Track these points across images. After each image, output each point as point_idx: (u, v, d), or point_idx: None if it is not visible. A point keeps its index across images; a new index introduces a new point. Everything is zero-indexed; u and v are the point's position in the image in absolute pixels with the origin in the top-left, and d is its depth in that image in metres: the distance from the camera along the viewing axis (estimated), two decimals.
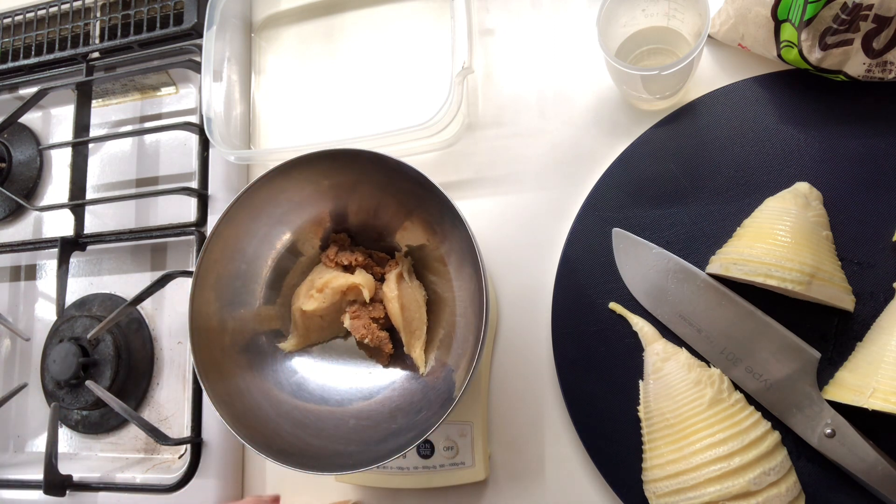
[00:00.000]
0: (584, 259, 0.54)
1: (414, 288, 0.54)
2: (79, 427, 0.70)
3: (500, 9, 0.62)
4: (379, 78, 0.65)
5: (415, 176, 0.46)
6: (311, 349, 0.56)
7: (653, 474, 0.46)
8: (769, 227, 0.46)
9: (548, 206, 0.57)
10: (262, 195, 0.50)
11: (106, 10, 0.75)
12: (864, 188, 0.48)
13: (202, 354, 0.48)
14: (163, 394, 0.68)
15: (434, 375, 0.53)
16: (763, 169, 0.50)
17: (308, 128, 0.67)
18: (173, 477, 0.62)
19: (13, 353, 0.75)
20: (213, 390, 0.48)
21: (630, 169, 0.53)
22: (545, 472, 0.54)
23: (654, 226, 0.52)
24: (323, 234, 0.55)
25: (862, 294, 0.47)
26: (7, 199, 0.78)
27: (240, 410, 0.49)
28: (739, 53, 0.54)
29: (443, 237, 0.52)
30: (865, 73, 0.47)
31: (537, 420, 0.55)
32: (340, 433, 0.51)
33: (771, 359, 0.47)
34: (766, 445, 0.43)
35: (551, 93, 0.59)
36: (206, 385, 0.47)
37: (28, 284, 0.77)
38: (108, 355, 0.67)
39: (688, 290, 0.50)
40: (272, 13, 0.70)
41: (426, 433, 0.44)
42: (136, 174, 0.74)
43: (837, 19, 0.44)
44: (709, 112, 0.52)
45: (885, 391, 0.41)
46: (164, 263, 0.70)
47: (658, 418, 0.47)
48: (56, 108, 0.80)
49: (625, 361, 0.51)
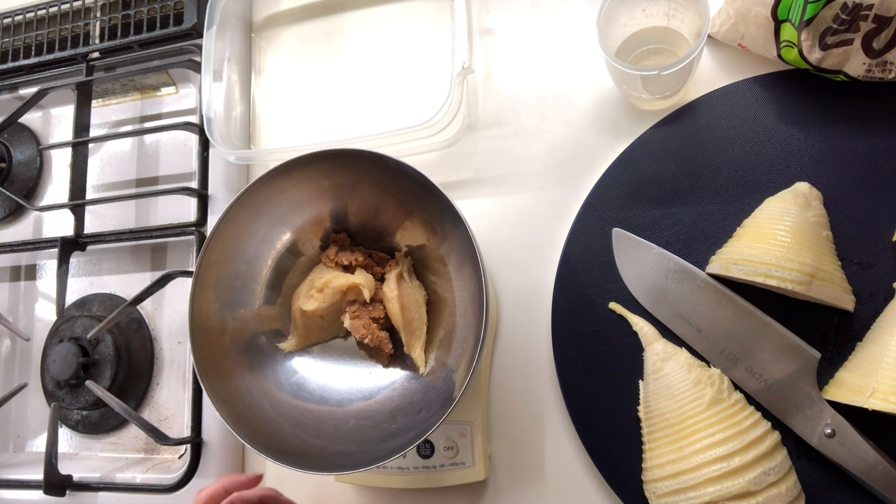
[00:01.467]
0: (584, 259, 0.54)
1: (414, 288, 0.54)
2: (79, 427, 0.70)
3: (500, 9, 0.62)
4: (379, 78, 0.65)
5: (415, 176, 0.46)
6: (311, 349, 0.56)
7: (653, 474, 0.46)
8: (769, 227, 0.46)
9: (548, 206, 0.57)
10: (262, 195, 0.50)
11: (106, 10, 0.75)
12: (864, 188, 0.48)
13: (202, 354, 0.48)
14: (163, 394, 0.68)
15: (434, 375, 0.53)
16: (763, 169, 0.50)
17: (308, 128, 0.67)
18: (173, 477, 0.62)
19: (13, 353, 0.75)
20: (213, 390, 0.48)
21: (630, 169, 0.53)
22: (545, 472, 0.54)
23: (654, 226, 0.52)
24: (323, 234, 0.55)
25: (862, 294, 0.47)
26: (7, 199, 0.78)
27: (240, 410, 0.49)
28: (739, 53, 0.54)
29: (443, 237, 0.52)
30: (865, 73, 0.47)
31: (537, 420, 0.55)
32: (340, 433, 0.51)
33: (771, 359, 0.47)
34: (766, 445, 0.43)
35: (551, 93, 0.59)
36: (206, 385, 0.47)
37: (28, 284, 0.77)
38: (108, 355, 0.67)
39: (688, 290, 0.50)
40: (272, 13, 0.70)
41: (426, 433, 0.44)
42: (136, 174, 0.74)
43: (837, 19, 0.44)
44: (709, 112, 0.52)
45: (885, 391, 0.41)
46: (164, 263, 0.70)
47: (658, 418, 0.47)
48: (56, 108, 0.80)
49: (625, 361, 0.51)
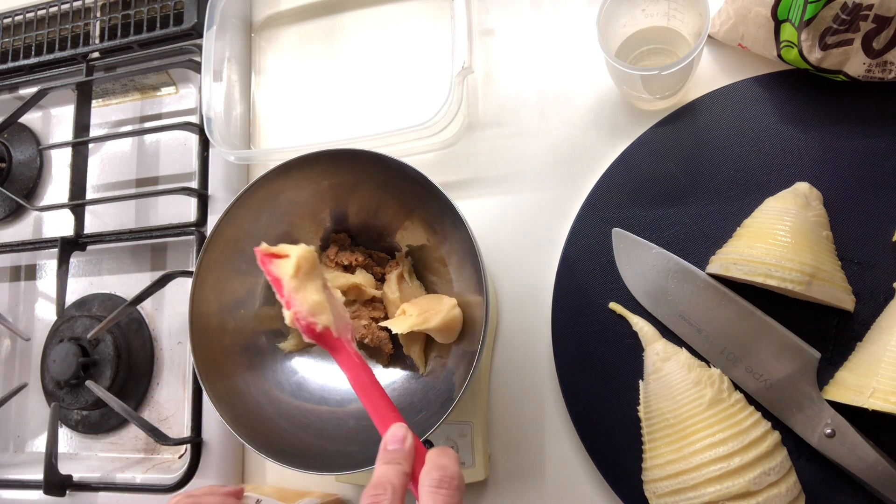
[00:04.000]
0: (584, 259, 0.54)
1: (414, 288, 0.54)
2: (79, 427, 0.70)
3: (500, 9, 0.62)
4: (379, 78, 0.65)
5: (415, 176, 0.46)
6: (311, 349, 0.56)
7: (653, 474, 0.46)
8: (769, 227, 0.46)
9: (548, 206, 0.57)
10: (262, 195, 0.50)
11: (106, 10, 0.75)
12: (864, 188, 0.48)
13: (202, 354, 0.48)
14: (163, 394, 0.68)
15: (434, 375, 0.53)
16: (763, 169, 0.50)
17: (308, 128, 0.67)
18: (173, 477, 0.62)
19: (13, 353, 0.75)
20: (213, 390, 0.48)
21: (630, 169, 0.53)
22: (545, 472, 0.54)
23: (654, 226, 0.52)
24: (323, 234, 0.55)
25: (862, 294, 0.47)
26: (7, 199, 0.78)
27: (240, 410, 0.49)
28: (739, 53, 0.54)
29: (443, 237, 0.52)
30: (865, 73, 0.47)
31: (537, 420, 0.55)
32: (340, 433, 0.51)
33: (771, 359, 0.47)
34: (766, 445, 0.43)
35: (551, 93, 0.59)
36: (206, 385, 0.47)
37: (28, 284, 0.77)
38: (108, 355, 0.67)
39: (688, 290, 0.50)
40: (272, 13, 0.70)
41: (426, 433, 0.44)
42: (136, 174, 0.74)
43: (837, 19, 0.44)
44: (709, 112, 0.52)
45: (885, 391, 0.41)
46: (164, 263, 0.70)
47: (658, 418, 0.47)
48: (56, 108, 0.80)
49: (625, 361, 0.51)
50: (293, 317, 0.38)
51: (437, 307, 0.50)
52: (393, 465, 0.35)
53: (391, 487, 0.33)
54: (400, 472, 0.34)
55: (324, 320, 0.38)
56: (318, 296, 0.39)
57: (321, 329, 0.38)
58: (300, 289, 0.39)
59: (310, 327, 0.38)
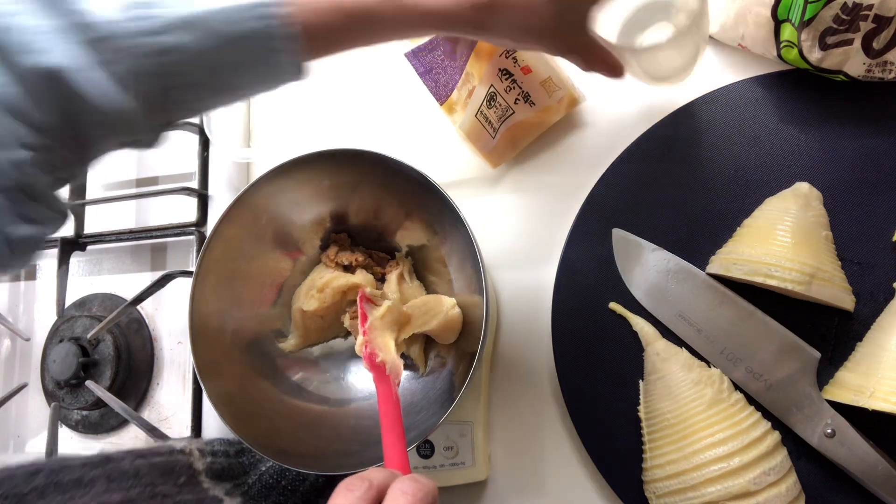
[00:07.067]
0: (584, 259, 0.53)
1: (414, 288, 0.54)
2: (79, 427, 0.70)
3: None
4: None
5: (415, 176, 0.46)
6: (312, 349, 0.56)
7: (653, 474, 0.46)
8: (769, 227, 0.46)
9: (548, 206, 0.57)
10: (262, 195, 0.50)
11: None
12: (864, 188, 0.48)
13: (202, 354, 0.48)
14: (163, 394, 0.68)
15: (434, 375, 0.53)
16: (763, 169, 0.50)
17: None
18: None
19: (13, 353, 0.75)
20: (213, 390, 0.48)
21: (630, 169, 0.53)
22: (545, 472, 0.54)
23: (654, 226, 0.52)
24: (323, 234, 0.55)
25: (862, 294, 0.47)
26: None
27: (240, 410, 0.49)
28: (739, 53, 0.54)
29: (443, 237, 0.52)
30: (865, 73, 0.47)
31: (537, 420, 0.55)
32: (340, 433, 0.51)
33: (771, 359, 0.47)
34: (766, 445, 0.43)
35: None
36: (206, 385, 0.47)
37: (28, 284, 0.77)
38: (108, 355, 0.67)
39: (688, 290, 0.50)
40: None
41: (426, 433, 0.44)
42: (136, 174, 0.74)
43: (837, 19, 0.44)
44: (709, 112, 0.52)
45: (885, 391, 0.41)
46: (164, 263, 0.70)
47: (658, 418, 0.47)
48: None
49: (625, 361, 0.51)
50: (363, 343, 0.46)
51: (436, 307, 0.51)
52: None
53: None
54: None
55: (383, 356, 0.45)
56: (389, 340, 0.47)
57: (379, 362, 0.45)
58: (379, 328, 0.47)
59: (372, 356, 0.45)
